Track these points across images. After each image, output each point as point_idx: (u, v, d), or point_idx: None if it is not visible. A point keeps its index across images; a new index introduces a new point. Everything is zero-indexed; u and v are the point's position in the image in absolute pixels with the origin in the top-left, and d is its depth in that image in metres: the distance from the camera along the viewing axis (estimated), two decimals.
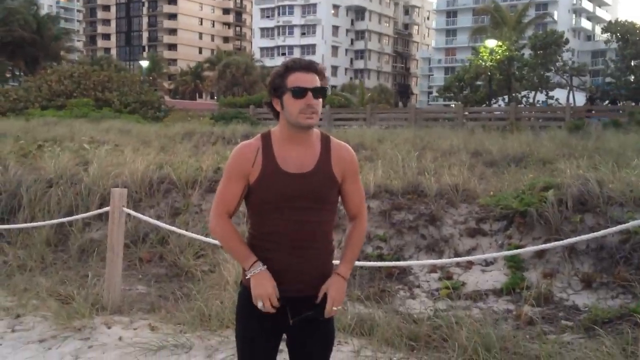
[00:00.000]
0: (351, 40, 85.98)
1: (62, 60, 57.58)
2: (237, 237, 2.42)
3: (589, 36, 78.19)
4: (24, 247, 6.77)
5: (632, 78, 46.28)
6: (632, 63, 46.26)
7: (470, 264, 5.63)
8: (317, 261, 2.40)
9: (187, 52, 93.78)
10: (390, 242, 6.09)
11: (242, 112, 28.02)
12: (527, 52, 43.86)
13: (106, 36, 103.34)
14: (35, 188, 7.54)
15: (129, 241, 6.41)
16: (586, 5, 79.02)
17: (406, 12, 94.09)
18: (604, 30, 50.03)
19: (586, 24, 78.47)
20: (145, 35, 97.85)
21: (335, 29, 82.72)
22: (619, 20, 49.51)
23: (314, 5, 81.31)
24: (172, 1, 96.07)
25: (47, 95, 30.07)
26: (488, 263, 5.64)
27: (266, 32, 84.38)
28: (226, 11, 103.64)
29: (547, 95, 42.97)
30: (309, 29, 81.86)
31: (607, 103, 42.81)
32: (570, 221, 5.58)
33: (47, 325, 4.67)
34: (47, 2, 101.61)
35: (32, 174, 7.99)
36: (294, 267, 2.36)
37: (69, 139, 13.47)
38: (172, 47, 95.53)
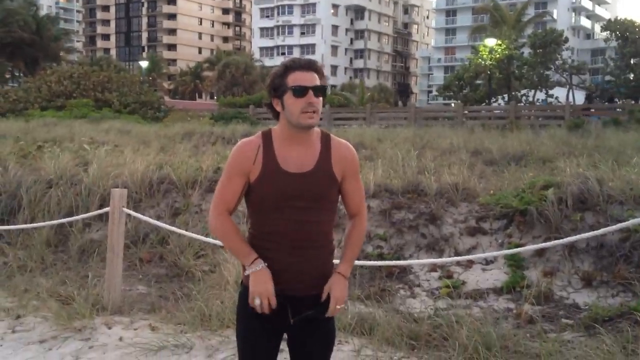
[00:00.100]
0: (351, 40, 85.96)
1: (61, 60, 57.69)
2: (237, 235, 2.41)
3: (589, 34, 78.20)
4: (24, 247, 6.76)
5: (631, 76, 46.33)
6: (631, 61, 46.34)
7: (471, 262, 5.63)
8: (317, 261, 2.40)
9: (187, 52, 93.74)
10: (390, 241, 6.09)
11: (242, 112, 28.01)
12: (526, 51, 43.92)
13: (106, 37, 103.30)
14: (35, 189, 7.54)
15: (129, 241, 6.41)
16: (585, 3, 79.03)
17: (405, 11, 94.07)
18: (604, 28, 50.06)
19: (585, 22, 78.48)
20: (144, 35, 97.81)
21: (335, 28, 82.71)
22: (618, 18, 49.56)
23: (314, 4, 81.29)
24: (172, 1, 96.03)
25: (46, 96, 30.04)
26: (488, 262, 5.64)
27: (266, 31, 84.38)
28: (226, 11, 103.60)
29: (547, 94, 43.06)
30: (308, 28, 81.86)
31: (605, 102, 42.82)
32: (570, 220, 5.58)
33: (47, 326, 4.67)
34: (46, 2, 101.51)
35: (32, 174, 7.98)
36: (294, 267, 2.35)
37: (68, 139, 13.47)
38: (172, 47, 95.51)
